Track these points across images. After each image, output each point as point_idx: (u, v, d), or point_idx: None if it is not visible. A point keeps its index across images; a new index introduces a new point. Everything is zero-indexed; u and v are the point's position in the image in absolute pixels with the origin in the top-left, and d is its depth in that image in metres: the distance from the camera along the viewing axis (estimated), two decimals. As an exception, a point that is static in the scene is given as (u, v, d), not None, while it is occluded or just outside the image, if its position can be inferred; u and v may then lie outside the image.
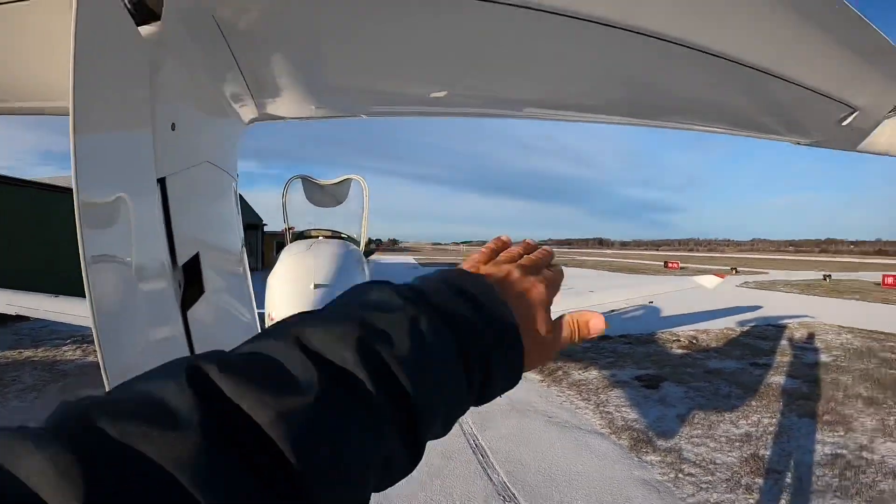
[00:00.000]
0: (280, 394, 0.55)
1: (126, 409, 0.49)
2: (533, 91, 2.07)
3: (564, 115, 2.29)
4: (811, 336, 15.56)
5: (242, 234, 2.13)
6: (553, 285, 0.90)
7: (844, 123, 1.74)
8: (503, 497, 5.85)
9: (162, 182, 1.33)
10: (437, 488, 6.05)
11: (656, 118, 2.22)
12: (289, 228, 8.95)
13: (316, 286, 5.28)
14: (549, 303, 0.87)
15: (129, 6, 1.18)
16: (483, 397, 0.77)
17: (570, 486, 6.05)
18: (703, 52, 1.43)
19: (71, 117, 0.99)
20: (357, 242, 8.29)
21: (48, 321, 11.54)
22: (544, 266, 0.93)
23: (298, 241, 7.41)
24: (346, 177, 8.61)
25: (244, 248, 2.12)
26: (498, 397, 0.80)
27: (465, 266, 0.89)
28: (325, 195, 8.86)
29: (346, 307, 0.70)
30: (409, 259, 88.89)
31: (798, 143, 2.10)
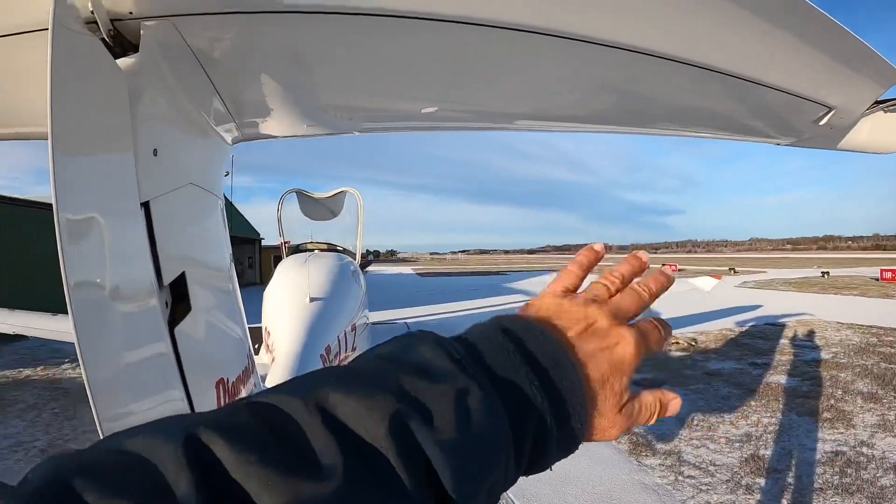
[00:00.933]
0: (294, 475, 0.47)
1: (113, 480, 0.44)
2: (523, 105, 2.09)
3: (555, 127, 2.31)
4: (810, 333, 15.55)
5: (230, 252, 2.15)
6: (647, 342, 0.73)
7: (822, 123, 1.77)
8: (502, 500, 5.81)
9: (146, 206, 1.36)
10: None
11: (643, 126, 2.24)
12: (284, 242, 8.94)
13: (312, 299, 5.27)
14: (635, 368, 0.71)
15: (107, 39, 1.21)
16: (531, 470, 0.67)
17: (568, 493, 6.06)
18: (683, 62, 1.45)
19: (49, 144, 1.02)
20: (353, 255, 8.29)
21: (47, 340, 11.50)
22: (645, 305, 0.78)
23: (294, 255, 7.39)
24: (340, 190, 8.59)
25: (232, 266, 2.14)
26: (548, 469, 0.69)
27: (550, 292, 0.79)
28: (320, 208, 8.85)
29: (382, 368, 0.60)
30: (407, 270, 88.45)
31: (778, 144, 2.12)
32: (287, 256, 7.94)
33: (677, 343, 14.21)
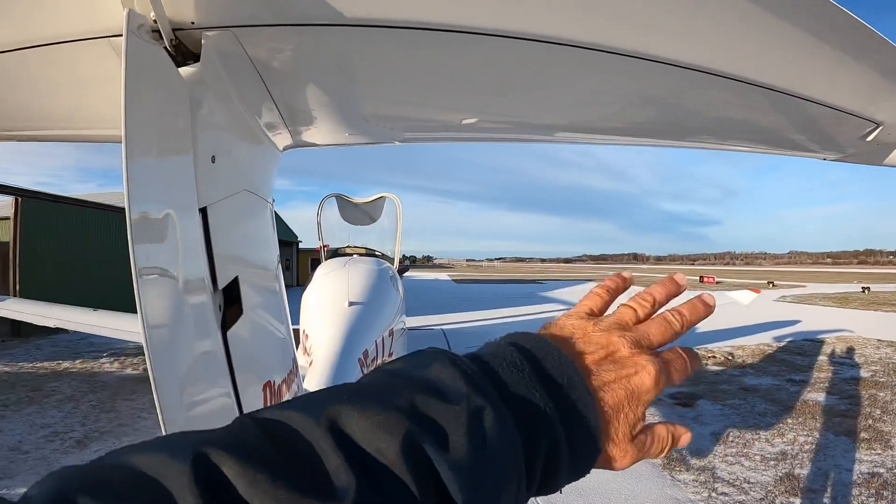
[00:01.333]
0: (306, 496, 0.47)
1: (119, 498, 0.44)
2: (563, 118, 2.11)
3: (594, 139, 2.31)
4: (849, 351, 15.24)
5: (278, 254, 2.20)
6: (668, 373, 0.72)
7: (869, 139, 1.75)
8: None
9: (203, 212, 1.39)
10: None
11: (684, 139, 2.23)
12: (324, 246, 9.03)
13: (350, 304, 5.30)
14: (652, 398, 0.70)
15: (169, 49, 1.24)
16: (541, 491, 0.66)
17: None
18: (727, 77, 1.44)
19: (123, 148, 1.06)
20: (391, 260, 8.33)
21: (86, 334, 11.70)
22: (676, 334, 0.76)
23: (333, 259, 7.45)
24: (380, 195, 8.67)
25: (280, 267, 2.19)
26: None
27: (575, 314, 0.78)
28: (359, 213, 8.95)
29: (395, 385, 0.60)
30: (443, 276, 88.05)
31: (824, 160, 2.10)
32: (326, 260, 8.01)
33: (714, 357, 14.05)
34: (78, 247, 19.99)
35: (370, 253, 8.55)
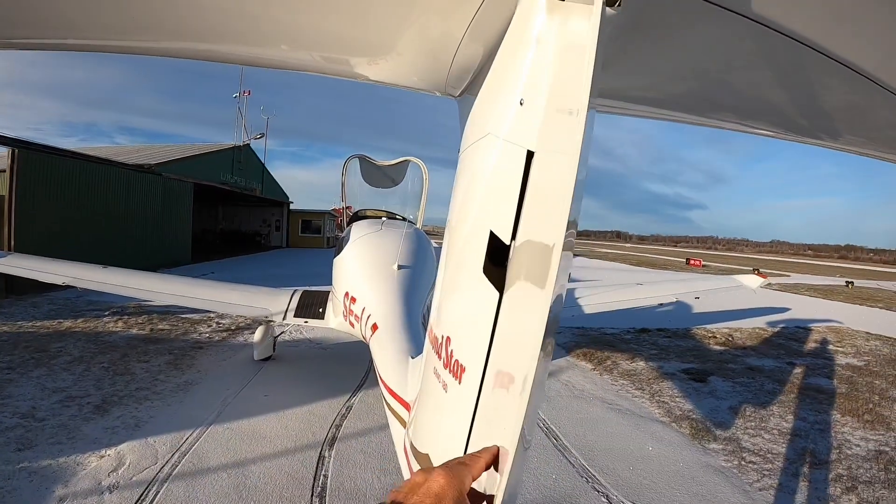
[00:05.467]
0: None
1: None
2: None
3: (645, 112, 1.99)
4: (841, 341, 15.52)
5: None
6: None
7: None
8: (584, 478, 5.96)
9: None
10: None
11: (712, 115, 1.94)
12: (346, 207, 8.90)
13: (399, 267, 5.36)
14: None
15: None
16: None
17: (646, 471, 6.27)
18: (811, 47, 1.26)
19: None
20: (413, 224, 8.26)
21: (81, 291, 10.88)
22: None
23: (366, 221, 7.40)
24: (404, 158, 8.47)
25: None
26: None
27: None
28: (381, 176, 8.72)
29: None
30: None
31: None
32: (349, 223, 7.95)
33: (715, 337, 14.36)
34: (76, 202, 19.60)
35: (391, 216, 8.45)
